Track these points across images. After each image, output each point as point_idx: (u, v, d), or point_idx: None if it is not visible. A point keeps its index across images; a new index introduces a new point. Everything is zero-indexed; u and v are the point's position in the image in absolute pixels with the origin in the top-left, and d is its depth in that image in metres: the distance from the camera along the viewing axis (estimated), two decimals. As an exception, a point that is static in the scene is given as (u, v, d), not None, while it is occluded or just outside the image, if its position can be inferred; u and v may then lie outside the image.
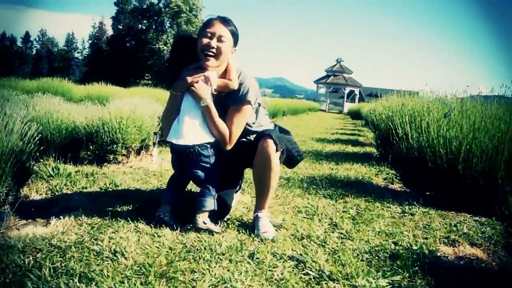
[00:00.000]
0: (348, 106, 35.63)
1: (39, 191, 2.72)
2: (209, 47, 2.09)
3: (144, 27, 48.69)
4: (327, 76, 42.66)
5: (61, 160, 3.48)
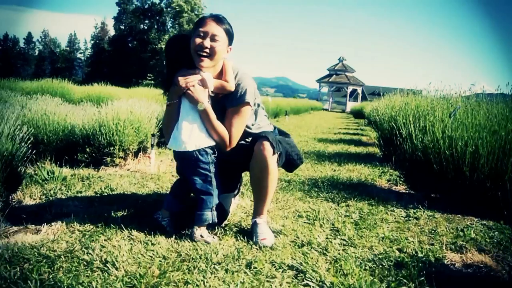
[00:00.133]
0: (350, 105, 35.45)
1: (32, 196, 2.65)
2: (202, 47, 1.99)
3: (146, 27, 48.77)
4: (330, 75, 42.37)
5: (57, 163, 3.42)
